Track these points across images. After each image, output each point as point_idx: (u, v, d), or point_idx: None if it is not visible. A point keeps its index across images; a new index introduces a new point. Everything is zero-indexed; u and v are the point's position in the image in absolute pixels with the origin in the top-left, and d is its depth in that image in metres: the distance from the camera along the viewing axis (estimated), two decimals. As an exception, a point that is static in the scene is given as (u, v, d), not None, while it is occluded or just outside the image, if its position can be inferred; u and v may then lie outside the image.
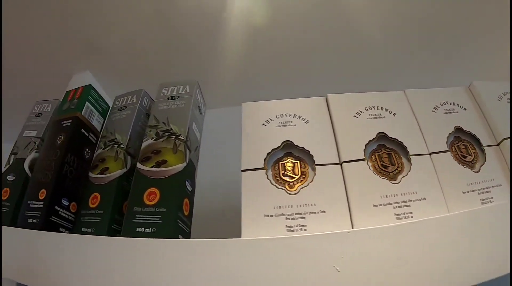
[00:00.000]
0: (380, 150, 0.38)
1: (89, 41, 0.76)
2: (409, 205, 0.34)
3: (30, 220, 0.43)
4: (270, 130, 0.40)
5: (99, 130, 0.54)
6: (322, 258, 0.30)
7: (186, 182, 0.41)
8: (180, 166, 0.41)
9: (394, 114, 0.42)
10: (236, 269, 0.31)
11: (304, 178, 0.36)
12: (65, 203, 0.46)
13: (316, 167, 0.37)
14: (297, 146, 0.39)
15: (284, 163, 0.38)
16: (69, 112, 0.51)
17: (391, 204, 0.34)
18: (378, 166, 0.37)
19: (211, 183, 0.67)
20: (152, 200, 0.38)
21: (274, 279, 0.30)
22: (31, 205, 0.44)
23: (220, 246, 0.32)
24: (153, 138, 0.44)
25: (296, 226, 0.33)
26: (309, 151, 0.38)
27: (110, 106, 0.54)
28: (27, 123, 0.57)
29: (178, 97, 0.48)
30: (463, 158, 0.38)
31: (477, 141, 0.40)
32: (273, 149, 0.39)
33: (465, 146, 0.39)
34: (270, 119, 0.42)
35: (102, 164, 0.46)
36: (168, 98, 0.48)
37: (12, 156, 0.54)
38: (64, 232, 0.45)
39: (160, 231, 0.36)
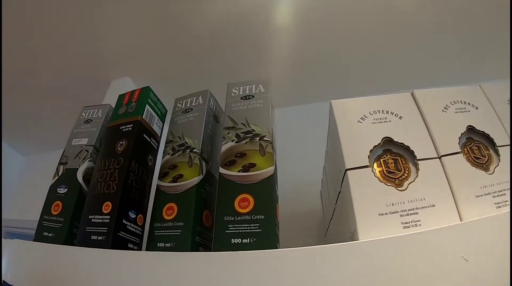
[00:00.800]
0: (469, 143, 0.36)
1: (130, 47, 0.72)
2: None
3: (94, 237, 0.37)
4: (367, 127, 0.37)
5: (159, 135, 0.48)
6: (450, 250, 0.27)
7: (276, 186, 0.36)
8: (271, 169, 0.36)
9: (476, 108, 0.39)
10: (376, 270, 0.27)
11: (407, 173, 0.34)
12: (132, 216, 0.40)
13: (418, 162, 0.35)
14: (396, 142, 0.36)
15: (385, 160, 0.35)
16: (128, 116, 0.45)
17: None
18: (472, 158, 0.35)
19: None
20: (245, 207, 0.33)
21: (410, 275, 0.26)
22: (93, 220, 0.38)
23: (351, 250, 0.28)
24: (233, 140, 0.39)
25: (411, 222, 0.31)
26: (409, 147, 0.36)
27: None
28: (75, 130, 0.51)
29: (253, 96, 0.43)
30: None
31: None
32: (374, 146, 0.36)
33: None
34: (365, 116, 0.38)
35: (174, 171, 0.41)
36: (241, 98, 0.43)
37: (61, 166, 0.48)
38: (133, 249, 0.39)
39: (260, 241, 0.31)
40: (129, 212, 0.39)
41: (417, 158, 0.35)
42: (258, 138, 0.38)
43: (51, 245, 0.40)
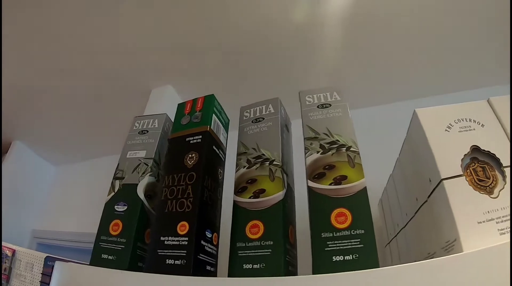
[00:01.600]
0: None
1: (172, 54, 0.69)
2: None
3: (170, 261, 0.33)
4: (454, 136, 0.36)
5: (225, 145, 0.44)
6: None
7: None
8: (363, 181, 0.33)
9: None
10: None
11: (496, 181, 0.33)
12: (209, 235, 0.36)
13: (504, 169, 0.33)
14: (483, 150, 0.34)
15: (474, 168, 0.34)
16: (194, 126, 0.42)
17: None
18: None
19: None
20: (343, 222, 0.31)
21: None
22: (167, 242, 0.34)
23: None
24: (318, 151, 0.36)
25: (505, 229, 0.29)
26: (495, 155, 0.34)
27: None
28: (129, 142, 0.47)
29: (330, 105, 0.40)
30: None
31: None
32: (465, 155, 0.34)
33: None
34: (451, 125, 0.36)
35: (254, 186, 0.37)
36: (318, 107, 0.40)
37: (117, 182, 0.44)
38: (211, 271, 0.35)
39: (363, 257, 0.29)
40: (206, 232, 0.35)
41: (503, 165, 0.33)
42: (345, 148, 0.35)
43: (118, 271, 0.35)
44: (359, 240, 0.30)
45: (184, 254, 0.33)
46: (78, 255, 0.93)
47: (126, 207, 0.41)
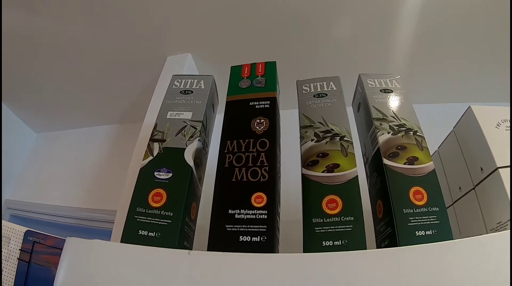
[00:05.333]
0: None
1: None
2: None
3: (245, 238, 0.26)
4: (502, 133, 0.37)
5: (280, 116, 0.38)
6: None
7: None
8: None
9: None
10: None
11: None
12: (279, 210, 0.29)
13: None
14: None
15: None
16: (259, 91, 0.35)
17: None
18: None
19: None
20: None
21: None
22: (238, 216, 0.28)
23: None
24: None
25: None
26: None
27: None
28: (168, 101, 0.39)
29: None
30: None
31: None
32: None
33: None
34: (499, 124, 0.38)
35: (326, 160, 0.32)
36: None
37: (156, 144, 0.36)
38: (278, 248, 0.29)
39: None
40: (277, 206, 0.29)
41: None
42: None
43: (181, 251, 0.27)
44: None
45: (265, 230, 0.26)
46: (59, 231, 0.81)
47: (171, 174, 0.33)
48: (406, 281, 0.23)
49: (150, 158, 0.35)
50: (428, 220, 0.29)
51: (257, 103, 0.34)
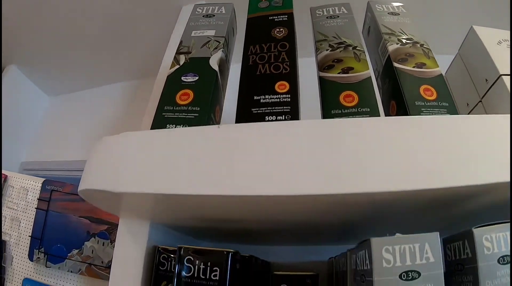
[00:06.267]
0: None
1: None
2: None
3: (271, 118, 0.29)
4: (503, 49, 0.39)
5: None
6: None
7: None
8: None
9: None
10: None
11: None
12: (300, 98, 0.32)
13: None
14: None
15: None
16: (277, 9, 0.38)
17: None
18: None
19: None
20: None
21: None
22: (263, 101, 0.30)
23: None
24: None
25: None
26: None
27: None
28: (192, 23, 0.42)
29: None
30: None
31: None
32: None
33: None
34: (500, 41, 0.40)
35: (341, 65, 0.35)
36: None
37: (183, 56, 0.38)
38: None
39: None
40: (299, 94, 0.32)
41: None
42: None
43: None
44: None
45: (288, 110, 0.29)
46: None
47: (197, 77, 0.36)
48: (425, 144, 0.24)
49: (177, 66, 0.37)
50: (439, 112, 0.31)
51: (276, 17, 0.37)
